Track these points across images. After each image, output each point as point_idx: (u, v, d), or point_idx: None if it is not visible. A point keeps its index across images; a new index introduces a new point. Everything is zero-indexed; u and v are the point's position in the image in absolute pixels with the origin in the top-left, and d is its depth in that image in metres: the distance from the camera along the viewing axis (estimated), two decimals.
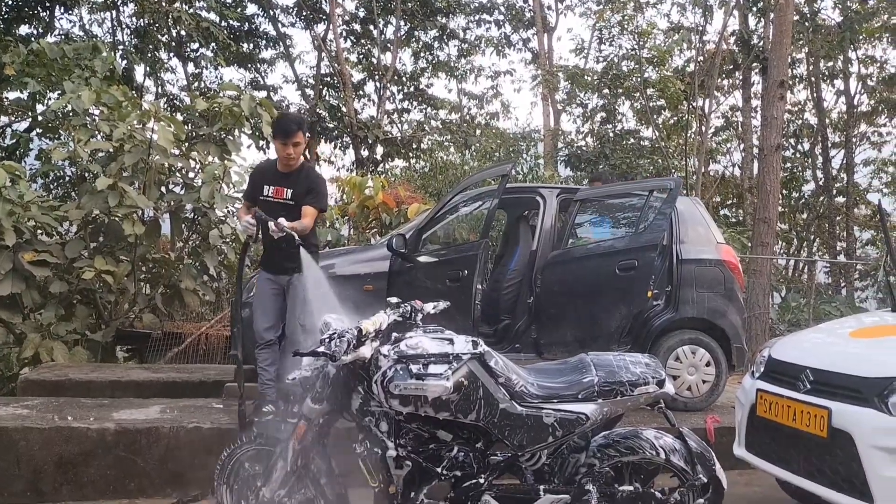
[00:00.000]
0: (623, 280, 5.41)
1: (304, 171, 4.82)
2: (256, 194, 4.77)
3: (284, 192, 4.70)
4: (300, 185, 4.72)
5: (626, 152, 13.12)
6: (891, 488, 3.23)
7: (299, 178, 4.74)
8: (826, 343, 4.21)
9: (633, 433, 3.44)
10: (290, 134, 4.61)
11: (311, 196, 4.72)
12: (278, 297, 4.81)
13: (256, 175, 4.93)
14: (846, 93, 18.65)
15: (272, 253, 4.75)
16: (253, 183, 4.88)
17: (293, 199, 4.69)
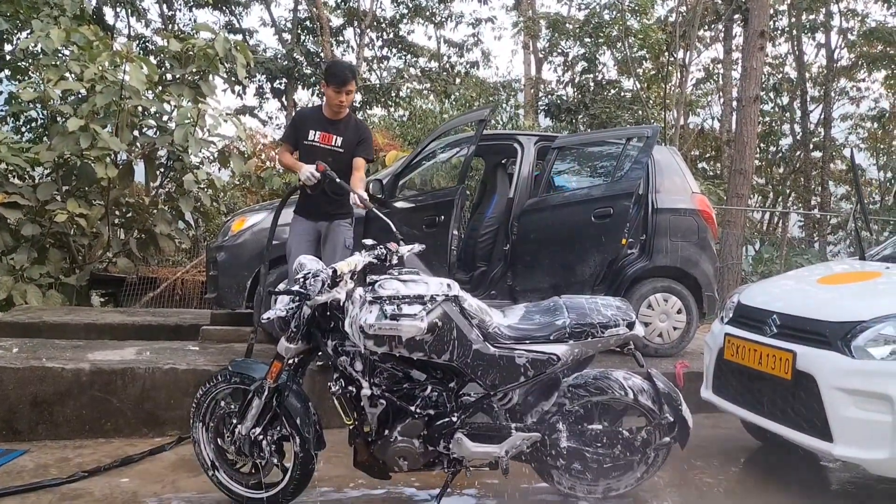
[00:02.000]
0: (598, 228, 5.46)
1: (352, 120, 4.78)
2: (300, 137, 4.70)
3: (333, 138, 4.66)
4: (350, 134, 4.68)
5: (606, 103, 13.07)
6: (849, 428, 3.34)
7: (349, 127, 4.70)
8: (793, 289, 4.30)
9: (602, 374, 3.52)
10: (345, 81, 4.54)
11: (363, 146, 4.69)
12: (313, 243, 4.78)
13: (300, 119, 4.84)
14: (827, 47, 18.64)
15: (311, 197, 4.68)
16: (296, 126, 4.79)
17: (342, 147, 4.66)
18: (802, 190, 19.60)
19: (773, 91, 18.70)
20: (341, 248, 4.67)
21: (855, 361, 3.37)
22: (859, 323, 3.44)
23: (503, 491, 3.79)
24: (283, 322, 3.18)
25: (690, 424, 3.55)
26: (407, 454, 3.23)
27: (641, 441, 3.47)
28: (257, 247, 5.39)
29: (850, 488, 4.21)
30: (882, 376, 3.28)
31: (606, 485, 3.57)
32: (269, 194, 9.80)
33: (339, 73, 4.57)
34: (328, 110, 4.67)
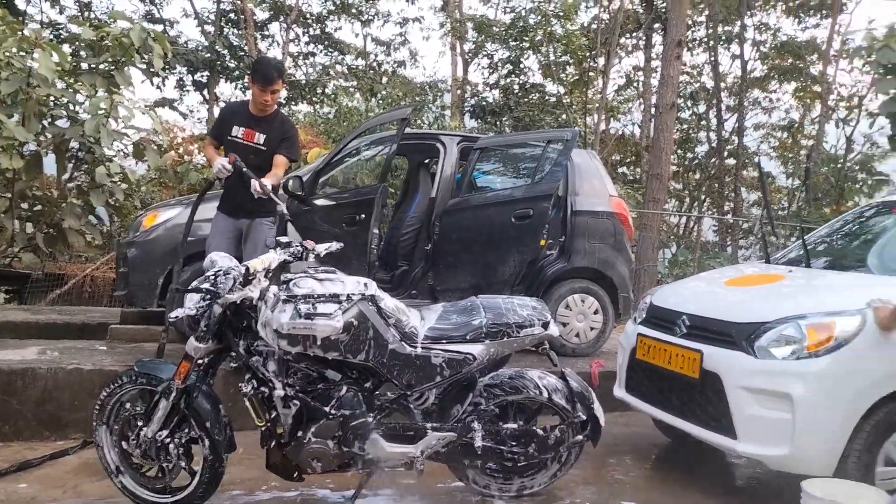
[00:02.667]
0: (518, 228, 5.52)
1: (278, 118, 4.70)
2: (224, 133, 4.62)
3: (256, 135, 4.58)
4: (274, 132, 4.61)
5: (530, 106, 13.25)
6: (752, 425, 3.47)
7: (273, 124, 4.62)
8: (703, 291, 4.44)
9: (518, 374, 3.55)
10: (271, 81, 4.48)
11: (286, 145, 4.61)
12: (233, 241, 4.68)
13: (226, 113, 4.77)
14: (741, 58, 19.40)
15: (234, 194, 4.58)
16: (222, 121, 4.73)
17: (265, 145, 4.58)
18: (717, 195, 20.34)
19: (691, 99, 19.36)
20: (262, 247, 4.57)
21: (758, 361, 3.50)
22: (763, 324, 3.58)
23: (418, 491, 3.78)
24: (193, 321, 3.08)
25: (602, 423, 3.62)
26: (321, 455, 3.19)
27: (555, 439, 3.52)
28: (171, 243, 5.22)
29: (753, 483, 4.39)
30: (783, 376, 3.42)
31: (521, 483, 3.61)
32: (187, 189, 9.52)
33: (265, 72, 4.50)
34: (254, 107, 4.61)
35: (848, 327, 3.38)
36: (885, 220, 4.70)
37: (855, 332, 3.36)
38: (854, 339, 3.35)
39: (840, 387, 3.32)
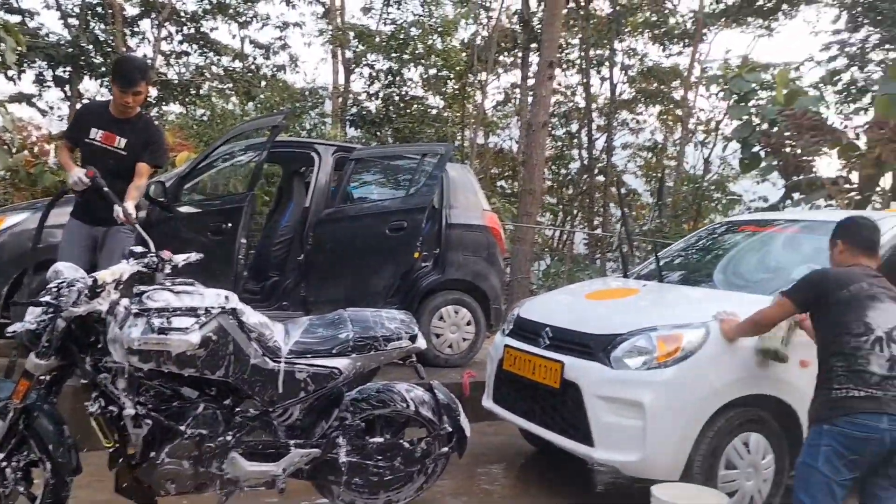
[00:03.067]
0: (393, 240, 5.53)
1: (142, 121, 4.39)
2: (81, 135, 4.26)
3: (116, 139, 4.26)
4: (136, 136, 4.29)
5: (411, 118, 13.36)
6: (607, 432, 3.63)
7: (136, 128, 4.31)
8: (565, 304, 4.61)
9: (385, 387, 3.53)
10: (132, 83, 4.16)
11: (150, 151, 4.32)
12: (87, 249, 4.35)
13: (84, 114, 4.42)
14: (610, 81, 20.34)
15: (90, 201, 4.23)
16: (79, 122, 4.35)
17: (126, 150, 4.27)
18: (588, 211, 21.19)
19: (564, 118, 20.10)
20: (118, 256, 4.32)
21: (613, 371, 3.67)
22: (618, 336, 3.75)
23: None
24: (33, 336, 2.86)
25: (468, 434, 3.66)
26: (175, 476, 3.04)
27: (421, 452, 3.52)
28: (18, 250, 4.86)
29: (611, 489, 4.58)
30: (636, 385, 3.60)
31: (387, 497, 3.57)
32: (41, 193, 8.89)
33: (127, 73, 4.22)
34: (115, 108, 4.30)
35: (694, 339, 3.60)
36: (732, 237, 5.05)
37: (700, 343, 3.59)
38: (699, 350, 3.57)
39: (686, 395, 3.53)
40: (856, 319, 2.84)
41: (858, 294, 2.88)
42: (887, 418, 2.74)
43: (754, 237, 4.75)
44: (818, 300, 2.99)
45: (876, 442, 2.73)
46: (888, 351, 2.81)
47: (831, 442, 2.77)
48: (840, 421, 2.76)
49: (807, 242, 4.45)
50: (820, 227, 4.59)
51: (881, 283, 2.99)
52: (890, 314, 2.87)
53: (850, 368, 2.80)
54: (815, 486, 2.79)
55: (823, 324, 2.97)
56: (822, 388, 2.88)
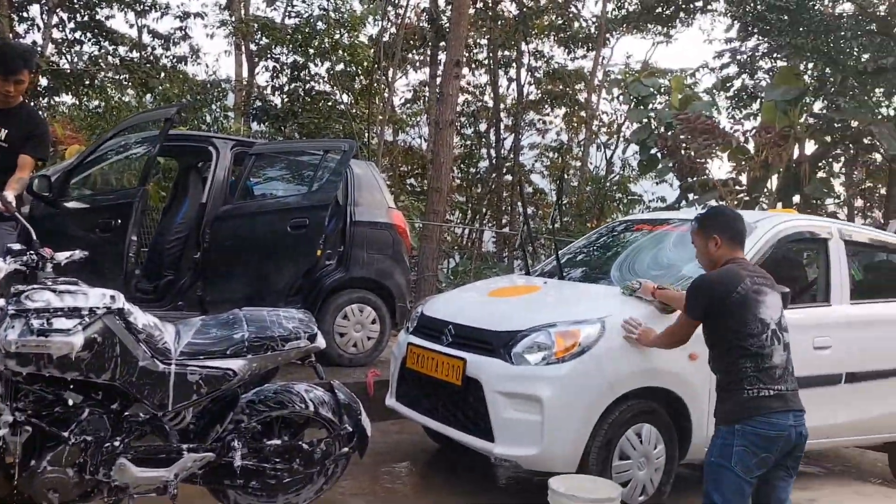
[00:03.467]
0: (294, 238, 5.42)
1: (24, 111, 4.12)
2: None
3: None
4: (19, 127, 4.02)
5: (317, 113, 13.16)
6: (507, 428, 3.68)
7: (18, 119, 4.04)
8: (469, 301, 4.64)
9: (284, 388, 3.47)
10: (14, 70, 3.91)
11: (32, 143, 4.04)
12: None
13: None
14: (517, 81, 20.67)
15: None
16: None
17: (6, 141, 3.99)
18: (496, 209, 21.48)
19: (473, 117, 20.30)
20: None
21: (514, 367, 3.72)
22: (519, 332, 3.81)
23: None
24: None
25: (369, 433, 3.63)
26: (59, 485, 2.89)
27: (321, 453, 3.47)
28: None
29: (513, 483, 4.65)
30: (534, 380, 3.66)
31: (285, 500, 3.50)
32: None
33: (7, 60, 3.97)
34: None
35: (591, 334, 3.70)
36: (629, 236, 5.21)
37: (596, 338, 3.69)
38: (595, 345, 3.67)
39: (582, 389, 3.62)
40: (752, 319, 2.92)
41: (747, 294, 2.95)
42: (792, 415, 2.88)
43: (649, 235, 4.92)
44: (710, 308, 3.02)
45: (784, 439, 2.86)
46: (782, 341, 2.96)
47: (744, 442, 2.84)
48: (753, 421, 2.84)
49: None
50: None
51: (758, 273, 3.11)
52: (775, 305, 3.01)
53: (758, 368, 2.89)
54: (727, 485, 2.86)
55: (722, 328, 3.00)
56: (733, 388, 2.93)
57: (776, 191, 12.38)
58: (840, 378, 4.46)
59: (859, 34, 14.18)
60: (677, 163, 11.45)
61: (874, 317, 4.76)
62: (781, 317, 3.02)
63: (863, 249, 5.14)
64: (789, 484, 3.01)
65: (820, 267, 4.72)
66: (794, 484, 2.99)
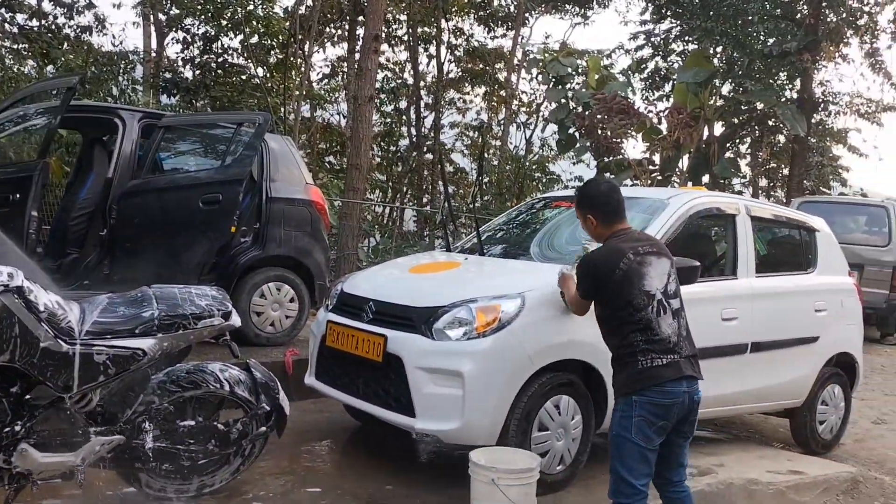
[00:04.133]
0: (207, 214, 5.25)
1: None
2: None
3: None
4: None
5: (230, 87, 12.76)
6: (428, 403, 3.68)
7: None
8: (389, 277, 4.61)
9: (197, 367, 3.38)
10: None
11: None
12: None
13: None
14: (437, 59, 20.58)
15: None
16: None
17: None
18: (416, 188, 21.43)
19: (393, 94, 20.12)
20: None
21: (435, 343, 3.71)
22: (440, 308, 3.80)
23: (84, 500, 3.41)
24: None
25: (287, 412, 3.58)
26: None
27: (238, 433, 3.41)
28: None
29: (434, 458, 4.67)
30: (456, 355, 3.67)
31: (200, 482, 3.42)
32: None
33: None
34: None
35: (510, 309, 3.72)
36: (548, 213, 5.28)
37: (516, 313, 3.71)
38: (515, 319, 3.70)
39: (502, 363, 3.65)
40: (637, 294, 2.97)
41: (629, 268, 2.98)
42: (686, 382, 2.96)
43: (567, 212, 4.98)
44: (597, 288, 3.08)
45: (679, 405, 2.94)
46: (669, 309, 3.01)
47: (641, 412, 2.91)
48: (649, 391, 2.91)
49: None
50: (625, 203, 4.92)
51: (643, 241, 3.14)
52: (661, 272, 3.04)
53: (648, 340, 2.95)
54: (629, 455, 2.93)
55: (611, 305, 3.05)
56: (627, 361, 2.99)
57: (687, 170, 12.82)
58: (746, 347, 4.65)
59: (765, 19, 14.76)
60: (594, 142, 11.70)
61: (777, 289, 4.98)
62: (669, 282, 3.05)
63: (767, 225, 5.37)
64: (685, 447, 3.11)
65: (728, 242, 4.89)
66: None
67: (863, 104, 17.83)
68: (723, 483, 4.16)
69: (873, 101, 17.72)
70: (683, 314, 3.09)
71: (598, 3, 20.87)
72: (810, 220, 5.55)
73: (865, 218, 11.22)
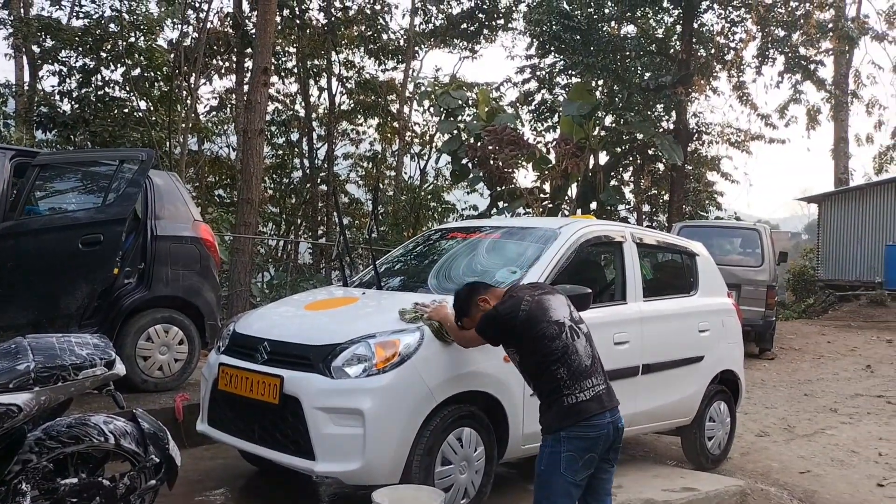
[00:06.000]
0: (87, 256, 4.98)
1: None
2: None
3: None
4: None
5: (112, 120, 12.22)
6: (329, 444, 3.58)
7: None
8: (284, 315, 4.49)
9: (79, 420, 3.16)
10: None
11: None
12: None
13: None
14: (329, 91, 20.52)
15: None
16: None
17: None
18: (311, 220, 21.15)
19: (284, 126, 19.87)
20: None
21: (333, 381, 3.63)
22: (338, 345, 3.73)
23: None
24: None
25: (179, 463, 3.41)
26: None
27: (125, 488, 3.21)
28: None
29: (336, 500, 4.55)
30: (355, 393, 3.60)
31: None
32: None
33: None
34: None
35: (410, 343, 3.70)
36: (445, 244, 5.31)
37: (415, 347, 3.69)
38: (415, 353, 3.68)
39: (404, 398, 3.61)
40: (547, 324, 3.11)
41: (530, 307, 3.16)
42: (609, 413, 3.08)
43: (463, 243, 5.03)
44: (505, 334, 3.26)
45: (605, 437, 3.05)
46: (581, 333, 3.19)
47: (570, 447, 2.99)
48: (576, 427, 3.00)
49: (507, 246, 4.84)
50: (518, 233, 5.05)
51: (534, 288, 3.37)
52: (561, 305, 3.26)
53: (570, 370, 3.05)
54: (556, 491, 2.99)
55: (527, 347, 3.18)
56: (553, 397, 3.07)
57: (576, 198, 13.29)
58: (638, 370, 4.82)
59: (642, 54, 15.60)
60: (487, 172, 11.93)
61: (663, 312, 5.19)
62: (572, 312, 3.28)
63: (652, 251, 5.62)
64: (611, 474, 3.22)
65: (616, 268, 5.07)
66: None
67: (733, 133, 19.12)
68: None
69: (742, 130, 19.05)
70: (592, 339, 3.25)
71: (485, 39, 21.49)
72: (691, 246, 5.84)
73: (740, 240, 11.95)
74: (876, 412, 7.74)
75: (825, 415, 7.65)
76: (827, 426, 7.14)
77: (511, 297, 3.29)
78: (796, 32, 14.81)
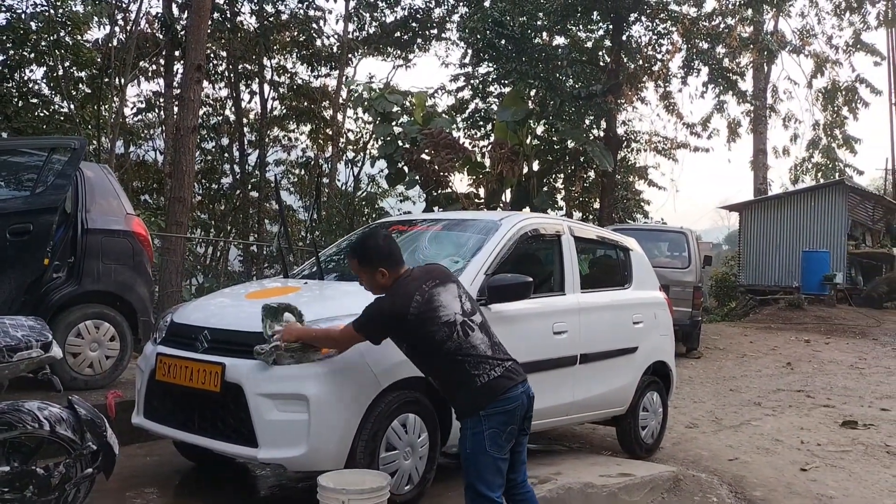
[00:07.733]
0: (15, 246, 4.79)
1: None
2: None
3: None
4: None
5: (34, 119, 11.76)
6: (272, 430, 3.54)
7: None
8: (225, 305, 4.43)
9: (12, 406, 3.05)
10: None
11: None
12: None
13: None
14: (261, 96, 20.25)
15: None
16: None
17: None
18: (242, 226, 20.78)
19: (214, 131, 19.48)
20: None
21: (277, 367, 3.59)
22: None
23: None
24: None
25: (117, 451, 3.33)
26: None
27: (60, 477, 3.11)
28: None
29: (276, 491, 4.49)
30: (300, 379, 3.57)
31: None
32: None
33: None
34: None
35: None
36: None
37: None
38: None
39: (348, 383, 3.60)
40: (437, 329, 3.10)
41: (419, 310, 3.12)
42: (520, 385, 3.14)
43: (405, 235, 5.05)
44: (393, 334, 3.25)
45: (520, 407, 3.11)
46: (475, 325, 3.18)
47: (491, 424, 3.03)
48: (494, 403, 3.04)
49: (450, 237, 4.90)
50: (460, 224, 5.13)
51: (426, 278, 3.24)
52: (451, 298, 3.21)
53: (473, 362, 3.09)
54: (486, 469, 3.03)
55: (421, 349, 3.19)
56: (463, 384, 3.10)
57: (510, 203, 13.47)
58: (576, 359, 4.93)
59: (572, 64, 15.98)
60: (423, 176, 11.99)
61: (600, 304, 5.34)
62: (464, 303, 3.23)
63: (589, 245, 5.76)
64: (525, 441, 3.27)
65: (555, 260, 5.19)
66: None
67: (660, 142, 19.76)
68: (562, 488, 4.34)
69: (668, 138, 19.71)
70: (488, 325, 3.26)
71: (418, 48, 21.61)
72: (625, 241, 6.02)
73: (668, 244, 12.35)
74: (797, 405, 8.10)
75: (750, 408, 7.96)
76: (752, 418, 7.43)
77: (403, 288, 3.18)
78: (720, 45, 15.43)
